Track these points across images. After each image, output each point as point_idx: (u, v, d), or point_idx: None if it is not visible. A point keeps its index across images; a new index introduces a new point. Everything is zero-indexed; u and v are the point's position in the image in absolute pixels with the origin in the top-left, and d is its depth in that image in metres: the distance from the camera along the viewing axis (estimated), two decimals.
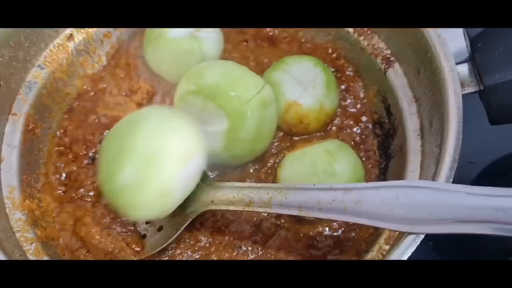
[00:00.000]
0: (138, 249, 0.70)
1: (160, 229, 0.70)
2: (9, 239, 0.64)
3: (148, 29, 0.81)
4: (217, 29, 0.81)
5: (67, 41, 0.81)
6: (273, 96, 0.73)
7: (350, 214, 0.56)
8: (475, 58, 0.66)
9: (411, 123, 0.72)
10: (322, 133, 0.79)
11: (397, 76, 0.75)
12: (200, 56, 0.78)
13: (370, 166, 0.77)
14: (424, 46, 0.68)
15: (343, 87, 0.82)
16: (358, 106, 0.81)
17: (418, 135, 0.70)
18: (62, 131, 0.79)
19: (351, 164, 0.70)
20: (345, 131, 0.79)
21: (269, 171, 0.75)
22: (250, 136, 0.70)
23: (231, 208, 0.65)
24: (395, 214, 0.53)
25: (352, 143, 0.78)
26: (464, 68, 0.67)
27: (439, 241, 0.88)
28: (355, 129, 0.79)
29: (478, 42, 0.66)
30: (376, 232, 0.68)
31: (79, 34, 0.82)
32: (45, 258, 0.65)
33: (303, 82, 0.76)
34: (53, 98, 0.79)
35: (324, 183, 0.64)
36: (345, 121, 0.80)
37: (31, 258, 0.64)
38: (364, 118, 0.80)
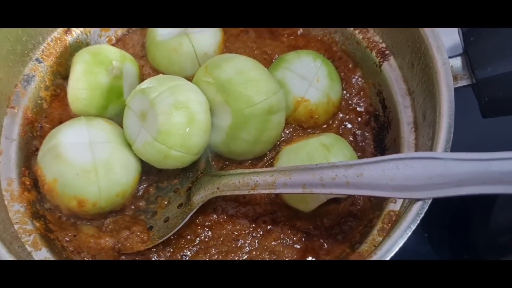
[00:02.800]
0: (145, 237, 0.71)
1: (166, 220, 0.71)
2: (7, 231, 0.65)
3: (147, 37, 0.83)
4: None
5: (64, 35, 0.81)
6: (283, 103, 0.73)
7: (352, 187, 0.58)
8: (468, 51, 0.66)
9: (405, 116, 0.73)
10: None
11: (392, 70, 0.76)
12: (192, 50, 0.79)
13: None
14: (417, 40, 0.69)
15: None
16: (354, 99, 0.81)
17: (412, 128, 0.71)
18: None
19: (347, 157, 0.70)
20: (342, 124, 0.79)
21: (266, 165, 0.76)
22: (250, 138, 0.71)
23: (236, 192, 0.66)
24: (396, 183, 0.56)
25: (350, 137, 0.78)
26: (457, 62, 0.68)
27: (434, 232, 0.89)
28: (352, 122, 0.80)
29: (471, 36, 0.66)
30: (370, 223, 0.69)
31: (77, 28, 0.82)
32: (44, 249, 0.66)
33: (306, 77, 0.77)
34: (51, 91, 0.80)
35: None
36: (341, 114, 0.80)
37: (29, 249, 0.65)
38: (360, 111, 0.80)
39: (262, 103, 0.69)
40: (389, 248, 0.55)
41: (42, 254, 0.66)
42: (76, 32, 0.82)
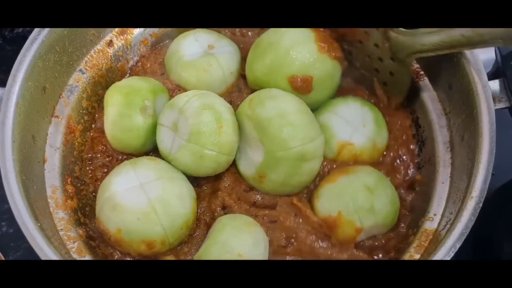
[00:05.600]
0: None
1: None
2: (54, 236, 0.66)
3: (166, 59, 0.85)
4: (231, 43, 0.84)
5: (107, 47, 0.84)
6: (321, 150, 0.72)
7: None
8: (507, 75, 0.68)
9: (441, 135, 0.74)
10: None
11: (426, 89, 0.77)
12: (220, 70, 0.80)
13: (398, 176, 0.78)
14: (456, 62, 0.70)
15: None
16: (387, 118, 0.82)
17: (448, 147, 0.73)
18: (99, 133, 0.81)
19: (389, 197, 0.71)
20: None
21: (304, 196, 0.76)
22: (278, 179, 0.71)
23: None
24: None
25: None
26: (495, 84, 0.70)
27: None
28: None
29: (510, 59, 0.68)
30: (405, 241, 0.70)
31: (119, 41, 0.85)
32: (87, 256, 0.67)
33: (352, 122, 0.77)
34: (91, 101, 0.82)
35: (363, 219, 0.68)
36: None
37: (75, 256, 0.67)
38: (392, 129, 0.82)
39: (296, 149, 0.68)
40: None
41: None
42: (118, 44, 0.85)
